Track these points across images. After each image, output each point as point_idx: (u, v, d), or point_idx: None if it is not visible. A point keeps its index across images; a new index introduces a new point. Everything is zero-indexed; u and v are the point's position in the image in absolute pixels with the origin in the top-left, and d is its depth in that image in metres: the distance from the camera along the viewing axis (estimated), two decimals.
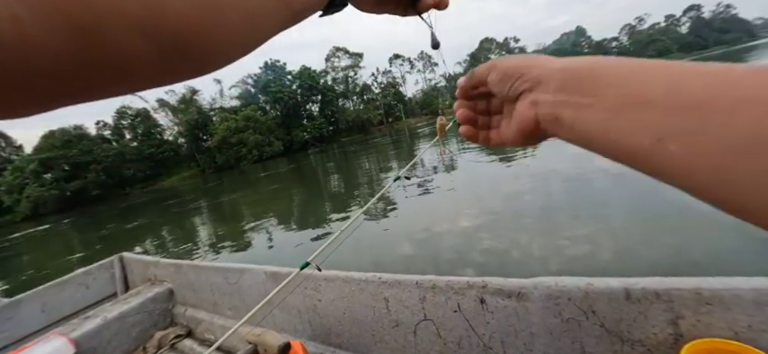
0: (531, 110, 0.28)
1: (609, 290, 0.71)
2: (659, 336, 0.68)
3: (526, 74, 0.28)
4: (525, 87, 0.29)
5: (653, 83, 0.20)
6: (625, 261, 2.78)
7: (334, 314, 1.21)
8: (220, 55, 0.22)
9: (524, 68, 0.29)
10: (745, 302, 0.61)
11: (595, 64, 0.24)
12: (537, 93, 0.27)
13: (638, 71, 0.22)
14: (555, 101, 0.26)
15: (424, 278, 0.98)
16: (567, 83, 0.25)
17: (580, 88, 0.24)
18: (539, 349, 0.81)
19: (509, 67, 0.30)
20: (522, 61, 0.30)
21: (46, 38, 0.14)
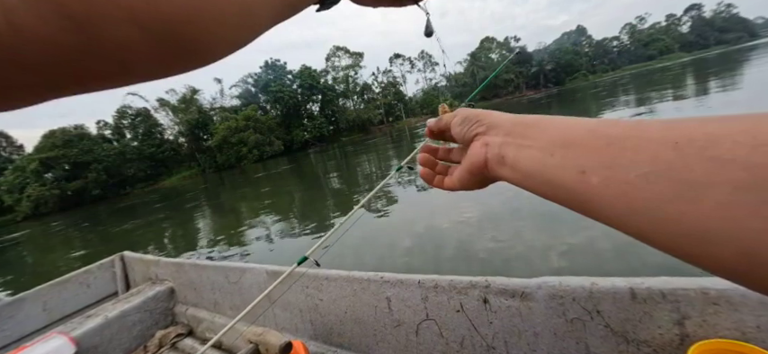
0: (483, 149, 0.32)
1: (614, 290, 0.71)
2: (665, 336, 0.67)
3: (482, 119, 0.33)
4: (480, 130, 0.33)
5: (578, 127, 0.25)
6: (627, 259, 2.77)
7: (335, 313, 1.20)
8: (216, 46, 0.21)
9: (482, 116, 0.34)
10: (752, 302, 0.60)
11: (545, 117, 0.29)
12: (489, 136, 0.32)
13: (569, 121, 0.26)
14: (503, 143, 0.30)
15: (426, 277, 0.97)
16: (514, 128, 0.30)
17: (523, 132, 0.29)
18: (542, 349, 0.81)
19: (469, 114, 0.35)
20: (482, 112, 0.35)
21: (37, 27, 0.14)
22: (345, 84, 57.17)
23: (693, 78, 20.27)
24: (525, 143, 0.28)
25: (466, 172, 0.34)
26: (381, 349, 1.09)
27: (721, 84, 13.47)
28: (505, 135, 0.30)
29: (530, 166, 0.27)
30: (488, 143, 0.32)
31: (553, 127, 0.27)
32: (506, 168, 0.30)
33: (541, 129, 0.28)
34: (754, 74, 15.53)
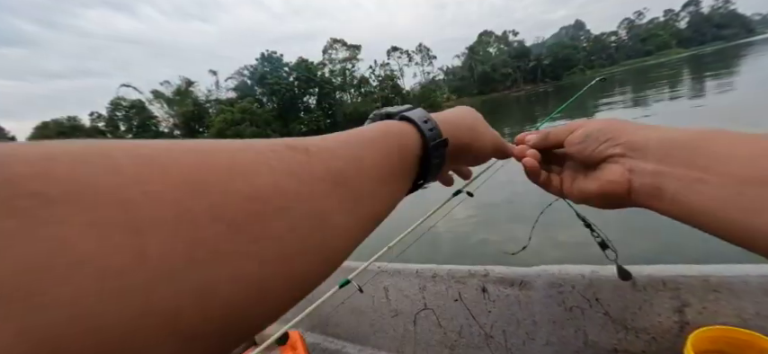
0: (625, 176, 0.26)
1: (614, 278, 0.70)
2: (664, 324, 0.67)
3: (615, 137, 0.27)
4: (616, 152, 0.27)
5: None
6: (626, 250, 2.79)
7: (332, 303, 1.19)
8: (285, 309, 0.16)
9: (612, 132, 0.28)
10: (753, 289, 0.60)
11: (704, 134, 0.22)
12: (633, 160, 0.26)
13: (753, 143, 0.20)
14: (657, 172, 0.24)
15: (424, 266, 0.96)
16: (672, 153, 0.23)
17: (687, 159, 0.22)
18: (541, 337, 0.80)
19: (594, 129, 0.29)
20: (609, 124, 0.28)
21: None
22: (342, 77, 56.81)
23: (690, 74, 20.37)
24: (693, 175, 0.22)
25: (596, 194, 0.29)
26: (378, 339, 1.09)
27: (718, 83, 13.55)
28: (658, 161, 0.24)
29: (704, 206, 0.21)
30: (633, 170, 0.26)
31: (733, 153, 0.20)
32: (664, 202, 0.24)
33: (715, 157, 0.21)
34: (751, 70, 15.63)
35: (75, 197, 0.10)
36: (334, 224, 0.17)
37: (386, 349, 1.08)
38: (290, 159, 0.16)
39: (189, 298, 0.11)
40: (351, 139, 0.21)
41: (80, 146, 0.11)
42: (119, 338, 0.10)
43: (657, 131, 0.26)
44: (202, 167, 0.13)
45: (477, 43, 70.64)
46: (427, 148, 0.25)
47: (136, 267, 0.10)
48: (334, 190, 0.17)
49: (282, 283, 0.15)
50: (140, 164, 0.12)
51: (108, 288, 0.10)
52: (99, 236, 0.10)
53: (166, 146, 0.13)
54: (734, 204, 0.20)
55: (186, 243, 0.11)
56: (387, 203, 0.22)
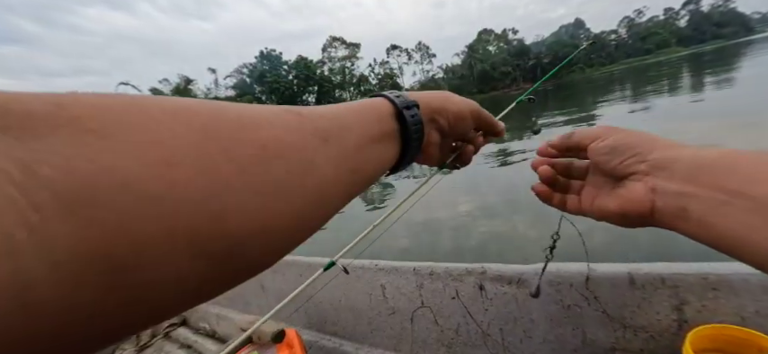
0: (648, 195, 0.25)
1: (612, 276, 0.69)
2: (663, 322, 0.66)
3: (643, 153, 0.26)
4: (641, 169, 0.26)
5: None
6: (625, 247, 2.79)
7: (329, 301, 1.19)
8: (283, 250, 0.18)
9: (641, 147, 0.27)
10: (752, 287, 0.59)
11: (730, 155, 0.22)
12: (657, 180, 0.25)
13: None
14: (681, 193, 0.23)
15: (421, 264, 0.95)
16: (698, 173, 0.23)
17: (715, 182, 0.22)
18: (538, 335, 0.80)
19: (622, 142, 0.28)
20: (638, 138, 0.27)
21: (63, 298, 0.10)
22: (342, 75, 56.73)
23: (689, 73, 20.37)
24: (720, 197, 0.21)
25: (616, 212, 0.28)
26: (376, 337, 1.08)
27: (717, 81, 13.55)
28: (684, 181, 0.23)
29: (730, 230, 0.21)
30: (657, 190, 0.25)
31: (758, 175, 0.20)
32: (691, 224, 0.23)
33: (741, 178, 0.20)
34: (751, 69, 15.64)
35: (122, 135, 0.12)
36: (323, 173, 0.20)
37: (383, 346, 1.07)
38: (285, 117, 0.19)
39: (204, 222, 0.13)
40: (335, 108, 0.24)
41: (125, 98, 0.14)
42: (150, 248, 0.12)
43: (687, 150, 0.25)
44: (216, 118, 0.16)
45: (476, 41, 70.51)
46: (400, 112, 0.28)
47: (167, 192, 0.12)
48: (322, 145, 0.20)
49: (282, 220, 0.17)
50: (169, 114, 0.14)
51: (144, 207, 0.12)
52: (141, 165, 0.12)
53: (185, 102, 0.16)
54: (761, 228, 0.19)
55: (206, 176, 0.14)
56: (373, 161, 0.25)
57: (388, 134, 0.27)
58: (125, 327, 0.13)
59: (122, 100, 0.13)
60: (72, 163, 0.11)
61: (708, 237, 0.23)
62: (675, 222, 0.24)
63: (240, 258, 0.15)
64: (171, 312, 0.14)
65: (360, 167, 0.23)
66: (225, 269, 0.15)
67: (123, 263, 0.11)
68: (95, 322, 0.11)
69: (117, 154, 0.12)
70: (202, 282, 0.14)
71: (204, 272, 0.14)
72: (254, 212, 0.15)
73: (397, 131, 0.27)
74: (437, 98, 0.32)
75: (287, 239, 0.18)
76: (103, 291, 0.11)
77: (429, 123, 0.31)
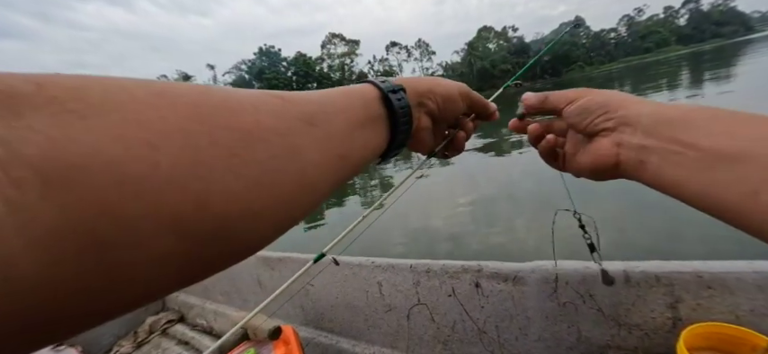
0: (614, 149, 0.28)
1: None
2: (657, 320, 0.66)
3: (612, 111, 0.28)
4: (608, 125, 0.28)
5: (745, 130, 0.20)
6: (620, 245, 2.80)
7: (326, 298, 1.19)
8: (269, 235, 0.18)
9: (609, 105, 0.28)
10: (747, 285, 0.59)
11: (690, 112, 0.24)
12: (622, 135, 0.27)
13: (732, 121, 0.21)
14: (642, 146, 0.25)
15: (418, 262, 0.95)
16: (657, 128, 0.25)
17: (671, 135, 0.24)
18: (534, 332, 0.80)
19: (592, 102, 0.30)
20: (607, 97, 0.29)
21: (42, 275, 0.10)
22: (341, 72, 56.58)
23: (689, 72, 20.37)
24: (674, 149, 0.23)
25: (588, 167, 0.30)
26: (372, 334, 1.08)
27: (715, 78, 13.55)
28: (645, 135, 0.25)
29: (680, 179, 0.23)
30: (622, 143, 0.27)
31: (711, 130, 0.22)
32: (647, 174, 0.26)
33: (695, 133, 0.22)
34: (751, 66, 15.64)
35: (105, 115, 0.12)
36: (308, 158, 0.19)
37: (379, 343, 1.07)
38: (270, 102, 0.19)
39: (188, 205, 0.13)
40: (321, 93, 0.24)
41: (108, 80, 0.13)
42: (134, 228, 0.12)
43: (650, 106, 0.26)
44: (201, 102, 0.16)
45: (476, 39, 70.30)
46: (386, 96, 0.27)
47: (151, 174, 0.12)
48: (308, 129, 0.20)
49: (266, 203, 0.17)
50: (154, 96, 0.14)
51: (129, 188, 0.12)
52: (124, 147, 0.12)
53: (170, 85, 0.15)
54: (706, 177, 0.21)
55: (190, 159, 0.14)
56: (360, 146, 0.24)
57: (375, 118, 0.26)
58: (110, 306, 0.13)
59: (104, 81, 0.13)
60: (54, 142, 0.11)
61: (662, 186, 0.25)
62: (636, 173, 0.27)
63: (224, 241, 0.15)
64: (156, 293, 0.14)
65: (346, 152, 0.23)
66: (209, 251, 0.15)
67: (105, 242, 0.11)
68: (78, 300, 0.11)
69: (99, 135, 0.12)
70: (187, 263, 0.14)
71: (189, 253, 0.14)
72: (239, 195, 0.15)
73: (384, 116, 0.27)
74: (424, 82, 0.32)
75: (272, 224, 0.18)
76: (85, 269, 0.11)
77: (417, 107, 0.31)
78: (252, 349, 0.99)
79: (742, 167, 0.20)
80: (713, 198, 0.21)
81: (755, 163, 0.19)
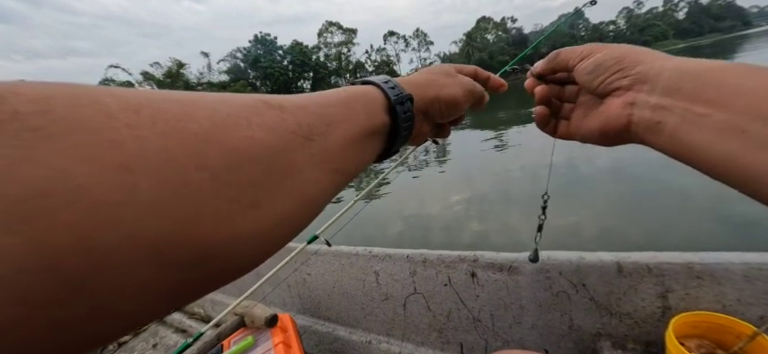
0: (625, 110, 0.25)
1: (600, 264, 0.71)
2: (647, 309, 0.68)
3: (628, 68, 0.25)
4: (623, 84, 0.25)
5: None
6: (610, 238, 2.85)
7: (323, 287, 1.20)
8: (261, 256, 0.17)
9: (628, 61, 0.25)
10: (735, 276, 0.61)
11: (722, 66, 0.20)
12: (637, 94, 0.24)
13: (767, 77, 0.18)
14: (659, 105, 0.22)
15: (414, 251, 0.96)
16: (681, 85, 0.22)
17: (697, 93, 0.21)
18: (527, 321, 0.82)
19: (607, 57, 0.26)
20: (624, 52, 0.26)
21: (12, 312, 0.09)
22: (338, 62, 55.89)
23: None
24: (697, 109, 0.20)
25: (597, 131, 0.27)
26: (369, 323, 1.10)
27: None
28: (664, 93, 0.22)
29: (702, 142, 0.20)
30: (635, 103, 0.24)
31: (745, 86, 0.19)
32: (663, 138, 0.22)
33: (725, 90, 0.19)
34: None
35: (74, 134, 0.11)
36: (305, 175, 0.18)
37: (376, 331, 1.09)
38: (265, 114, 0.18)
39: (172, 232, 0.12)
40: (321, 99, 0.22)
41: (75, 89, 0.12)
42: (109, 259, 0.11)
43: (672, 62, 0.23)
44: (184, 117, 0.14)
45: (475, 29, 69.65)
46: (393, 107, 0.26)
47: (127, 199, 0.11)
48: (304, 144, 0.19)
49: (260, 225, 0.16)
50: (130, 111, 0.13)
51: (102, 216, 0.11)
52: (96, 170, 0.11)
53: (152, 95, 0.14)
54: (735, 143, 0.18)
55: (172, 183, 0.13)
56: (357, 159, 0.23)
57: (377, 129, 0.25)
58: (87, 341, 0.12)
59: (73, 91, 0.12)
60: (16, 166, 0.09)
61: (678, 151, 0.22)
62: (648, 136, 0.24)
63: (211, 266, 0.14)
64: (138, 323, 0.13)
65: (344, 166, 0.21)
66: (195, 278, 0.14)
67: (78, 275, 0.10)
68: (50, 337, 0.10)
69: (67, 157, 0.10)
70: (170, 292, 0.13)
71: (175, 281, 0.13)
72: (228, 219, 0.14)
73: (386, 125, 0.26)
74: (432, 86, 0.30)
75: (264, 245, 0.17)
76: (57, 306, 0.10)
77: (421, 115, 0.29)
78: (250, 336, 1.00)
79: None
80: (741, 167, 0.18)
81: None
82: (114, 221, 0.11)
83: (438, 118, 0.32)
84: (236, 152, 0.15)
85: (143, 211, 0.12)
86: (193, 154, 0.13)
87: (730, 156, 0.19)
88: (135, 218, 0.11)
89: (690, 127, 0.21)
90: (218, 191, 0.14)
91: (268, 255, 0.17)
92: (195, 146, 0.14)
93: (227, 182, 0.14)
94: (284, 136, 0.18)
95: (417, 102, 0.28)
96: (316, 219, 0.21)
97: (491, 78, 0.38)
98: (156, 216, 0.12)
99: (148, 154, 0.12)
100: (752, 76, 0.19)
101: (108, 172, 0.11)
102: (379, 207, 5.01)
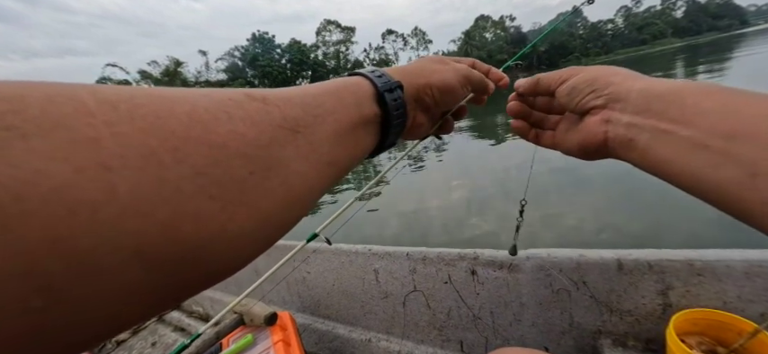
0: (602, 127, 0.27)
1: (601, 261, 0.71)
2: (648, 306, 0.68)
3: (600, 89, 0.27)
4: (597, 103, 0.27)
5: (745, 107, 0.19)
6: (610, 235, 2.86)
7: (322, 285, 1.20)
8: (248, 255, 0.16)
9: (600, 83, 0.27)
10: (736, 273, 0.61)
11: (684, 88, 0.22)
12: (611, 112, 0.26)
13: (729, 97, 0.20)
14: (631, 124, 0.24)
15: (414, 249, 0.96)
16: (648, 105, 0.23)
17: (663, 112, 0.22)
18: (527, 318, 0.81)
19: (581, 80, 0.29)
20: (597, 74, 0.28)
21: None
22: (336, 60, 55.79)
23: (683, 65, 20.45)
24: (664, 127, 0.22)
25: (576, 146, 0.29)
26: (368, 321, 1.10)
27: (710, 73, 13.65)
28: (635, 112, 0.24)
29: (670, 157, 0.22)
30: (610, 120, 0.26)
31: (704, 106, 0.20)
32: (635, 153, 0.24)
33: (688, 109, 0.21)
34: (748, 58, 15.76)
35: (49, 133, 0.10)
36: (293, 169, 0.18)
37: (375, 329, 1.09)
38: (248, 107, 0.17)
39: (154, 232, 0.12)
40: (308, 91, 0.22)
41: (50, 87, 0.12)
42: (88, 262, 0.10)
43: (640, 82, 0.25)
44: (164, 112, 0.14)
45: (473, 28, 69.57)
46: (381, 95, 0.25)
47: (106, 199, 0.11)
48: (292, 137, 0.18)
49: (245, 224, 0.15)
50: (107, 107, 0.12)
51: (79, 218, 0.10)
52: (73, 170, 0.10)
53: (130, 91, 0.14)
54: (698, 158, 0.20)
55: (152, 182, 0.12)
56: (348, 152, 0.22)
57: (368, 119, 0.24)
58: (71, 346, 0.11)
59: (49, 89, 0.11)
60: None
61: (650, 165, 0.24)
62: (624, 152, 0.25)
63: (198, 267, 0.14)
64: (122, 326, 0.13)
65: (335, 159, 0.21)
66: (180, 279, 0.14)
67: (56, 281, 0.10)
68: (30, 345, 0.10)
69: (43, 157, 0.10)
70: (155, 294, 0.13)
71: (156, 283, 0.13)
72: (213, 218, 0.14)
73: (377, 115, 0.25)
74: (423, 72, 0.30)
75: (253, 243, 0.16)
76: (35, 313, 0.10)
77: (413, 104, 0.29)
78: (249, 334, 0.99)
79: (738, 146, 0.18)
80: (706, 180, 0.20)
81: (753, 142, 0.17)
82: (93, 223, 0.10)
83: (433, 106, 0.31)
84: (218, 147, 0.15)
85: (122, 212, 0.11)
86: (173, 149, 0.13)
87: (696, 170, 0.20)
88: (114, 219, 0.11)
89: (658, 143, 0.22)
90: (200, 189, 0.13)
91: (255, 255, 0.17)
92: (175, 140, 0.13)
93: (210, 180, 0.14)
94: (268, 129, 0.17)
95: (408, 90, 0.28)
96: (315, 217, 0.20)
97: (491, 71, 0.38)
98: (135, 217, 0.11)
99: (127, 151, 0.12)
100: (710, 97, 0.21)
101: (85, 172, 0.11)
102: (377, 205, 5.01)
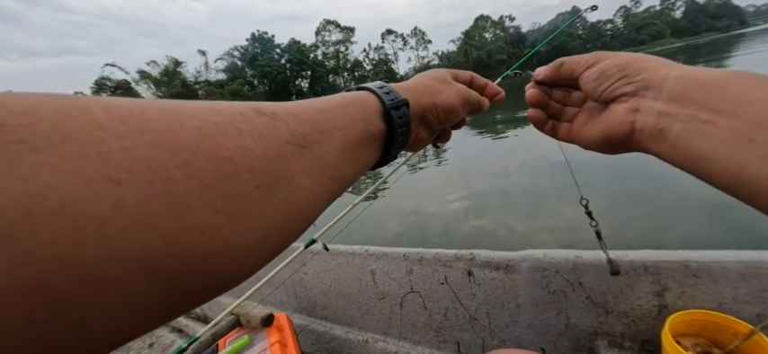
0: (629, 117, 0.25)
1: (597, 263, 0.70)
2: (644, 307, 0.68)
3: (632, 74, 0.25)
4: (627, 90, 0.25)
5: None
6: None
7: (319, 286, 1.19)
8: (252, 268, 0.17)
9: (631, 68, 0.25)
10: (731, 274, 0.60)
11: (727, 75, 0.20)
12: (641, 100, 0.24)
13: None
14: (664, 112, 0.22)
15: (411, 250, 0.96)
16: (686, 92, 0.21)
17: (703, 101, 0.20)
18: (524, 319, 0.81)
19: (612, 64, 0.26)
20: (629, 59, 0.26)
21: None
22: (336, 60, 55.77)
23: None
24: (703, 117, 0.20)
25: (598, 138, 0.28)
26: (365, 322, 1.10)
27: None
28: (670, 100, 0.22)
29: (707, 151, 0.20)
30: (639, 109, 0.24)
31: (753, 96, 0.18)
32: (665, 145, 0.22)
33: (732, 99, 0.19)
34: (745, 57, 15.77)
35: (60, 146, 0.11)
36: (298, 184, 0.18)
37: (372, 330, 1.08)
38: (257, 122, 0.17)
39: (160, 245, 0.12)
40: (316, 105, 0.22)
41: (62, 100, 0.12)
42: (94, 275, 0.11)
43: (679, 69, 0.23)
44: (174, 126, 0.14)
45: (473, 28, 69.62)
46: (388, 112, 0.25)
47: (115, 213, 0.11)
48: (298, 153, 0.18)
49: (249, 237, 0.15)
50: (118, 122, 0.12)
51: (88, 232, 0.10)
52: (82, 183, 0.11)
53: (141, 105, 0.14)
54: (742, 152, 0.18)
55: (160, 195, 0.12)
56: (353, 166, 0.22)
57: (373, 135, 0.24)
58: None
59: (61, 102, 0.12)
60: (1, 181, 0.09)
61: (681, 159, 0.22)
62: (651, 143, 0.24)
63: (202, 279, 0.14)
64: (128, 338, 0.13)
65: (340, 174, 0.21)
66: (185, 292, 0.14)
67: (63, 295, 0.10)
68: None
69: (53, 171, 0.10)
70: (160, 306, 0.13)
71: (161, 296, 0.13)
72: (218, 232, 0.14)
73: (382, 131, 0.25)
74: (428, 91, 0.30)
75: (257, 256, 0.16)
76: (40, 326, 0.10)
77: (417, 122, 0.29)
78: (245, 335, 0.99)
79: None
80: (750, 176, 0.18)
81: None
82: (100, 237, 0.11)
83: (436, 124, 0.31)
84: (228, 161, 0.15)
85: (130, 225, 0.11)
86: (182, 164, 0.13)
87: (737, 166, 0.18)
88: (122, 233, 0.11)
89: (694, 134, 0.20)
90: (207, 203, 0.14)
91: (258, 268, 0.17)
92: (184, 155, 0.13)
93: (217, 193, 0.14)
94: (276, 145, 0.17)
95: (414, 108, 0.28)
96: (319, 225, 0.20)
97: (488, 86, 0.38)
98: (143, 230, 0.12)
99: (137, 165, 0.12)
100: (757, 86, 0.19)
101: (95, 186, 0.11)
102: (377, 207, 5.00)
